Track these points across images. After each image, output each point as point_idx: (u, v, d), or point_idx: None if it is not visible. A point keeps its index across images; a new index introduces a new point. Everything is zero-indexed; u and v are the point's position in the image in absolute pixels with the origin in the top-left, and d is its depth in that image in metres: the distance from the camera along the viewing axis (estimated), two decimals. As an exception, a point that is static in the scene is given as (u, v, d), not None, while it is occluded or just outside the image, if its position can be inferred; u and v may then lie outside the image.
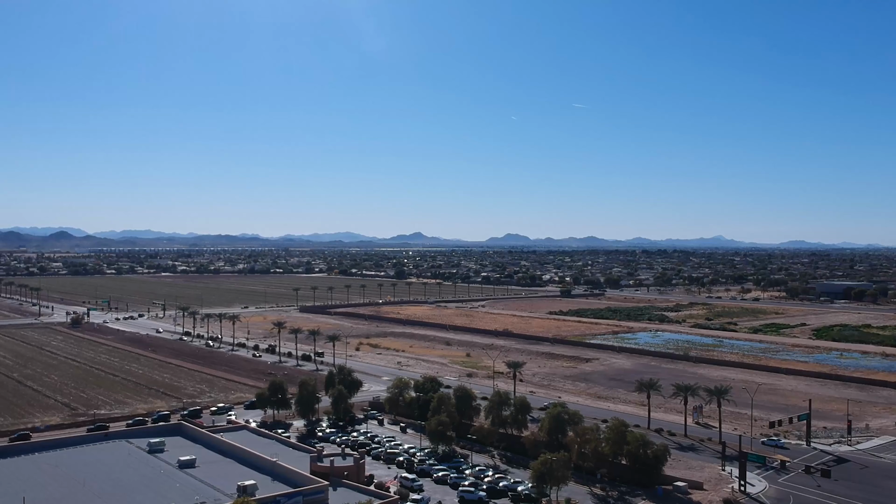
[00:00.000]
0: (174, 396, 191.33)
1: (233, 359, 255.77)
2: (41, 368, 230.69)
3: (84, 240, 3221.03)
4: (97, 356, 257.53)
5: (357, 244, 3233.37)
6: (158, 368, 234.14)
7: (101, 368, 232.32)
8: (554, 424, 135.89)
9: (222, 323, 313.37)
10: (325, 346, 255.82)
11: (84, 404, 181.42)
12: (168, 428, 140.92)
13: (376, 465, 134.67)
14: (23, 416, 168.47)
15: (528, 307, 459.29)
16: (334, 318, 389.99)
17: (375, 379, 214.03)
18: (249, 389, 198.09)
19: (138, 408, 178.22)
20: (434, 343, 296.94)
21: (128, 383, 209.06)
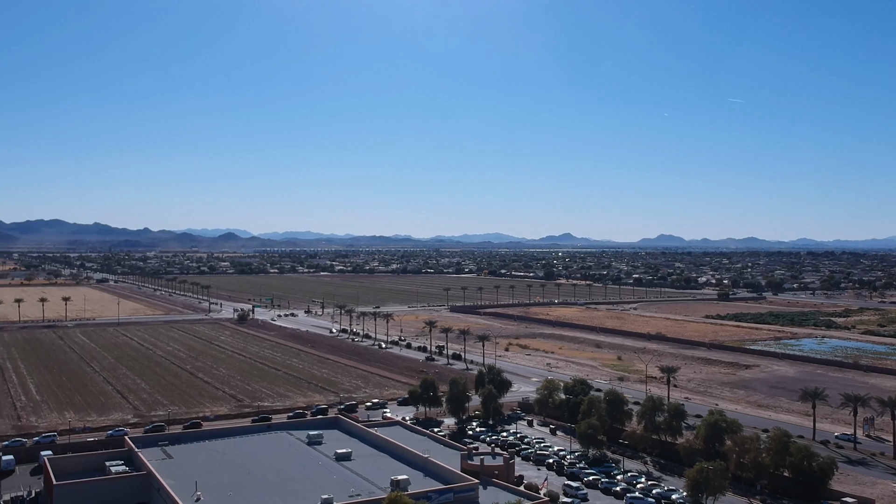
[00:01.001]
0: (332, 391, 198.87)
1: (386, 356, 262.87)
2: (211, 362, 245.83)
3: (250, 241, 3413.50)
4: (261, 351, 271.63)
5: (506, 245, 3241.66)
6: (317, 364, 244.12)
7: (264, 363, 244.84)
8: (711, 432, 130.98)
9: (376, 321, 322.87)
10: (474, 346, 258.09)
11: (249, 396, 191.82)
12: (326, 421, 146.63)
13: (526, 465, 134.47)
14: (195, 406, 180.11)
15: (683, 310, 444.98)
16: (484, 319, 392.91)
17: (524, 380, 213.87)
18: (402, 386, 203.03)
19: (298, 401, 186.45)
20: (584, 345, 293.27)
21: (289, 377, 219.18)
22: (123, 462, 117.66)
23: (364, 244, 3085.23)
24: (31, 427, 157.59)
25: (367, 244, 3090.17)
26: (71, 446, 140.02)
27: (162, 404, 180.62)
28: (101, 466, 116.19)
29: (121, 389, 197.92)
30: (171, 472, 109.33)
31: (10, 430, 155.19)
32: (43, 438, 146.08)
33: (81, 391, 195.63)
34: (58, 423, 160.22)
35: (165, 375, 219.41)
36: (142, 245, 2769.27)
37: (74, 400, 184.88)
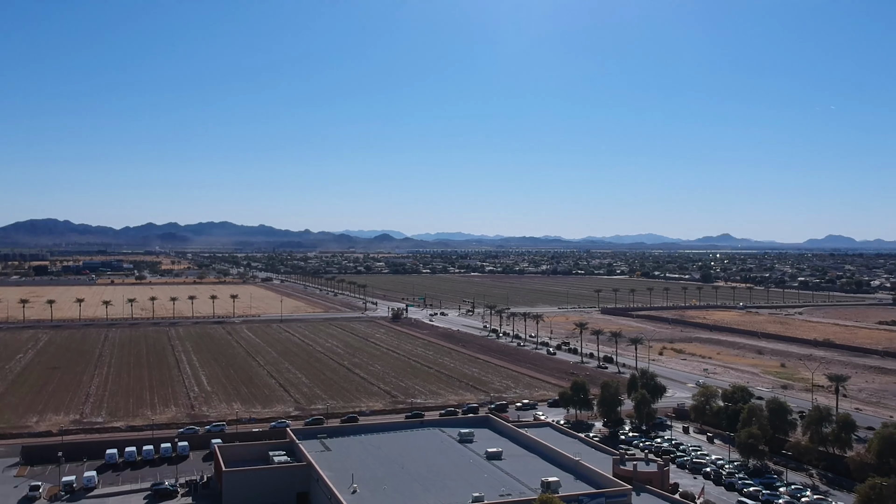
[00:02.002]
0: (482, 390, 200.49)
1: (536, 357, 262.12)
2: (367, 358, 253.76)
3: (403, 241, 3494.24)
4: (414, 349, 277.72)
5: (660, 246, 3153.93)
6: (468, 363, 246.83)
7: (417, 360, 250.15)
8: (884, 446, 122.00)
9: (526, 322, 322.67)
10: (626, 349, 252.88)
11: (403, 393, 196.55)
12: (477, 420, 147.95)
13: (681, 473, 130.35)
14: (351, 401, 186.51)
15: (853, 316, 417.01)
16: (636, 321, 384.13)
17: (679, 385, 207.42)
18: (552, 388, 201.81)
19: (450, 399, 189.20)
20: (744, 351, 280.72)
21: (441, 375, 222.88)
22: (285, 452, 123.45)
23: (514, 245, 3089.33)
24: (203, 416, 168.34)
25: (516, 245, 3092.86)
26: (238, 435, 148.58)
27: (321, 398, 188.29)
28: (265, 456, 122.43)
29: (283, 383, 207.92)
30: (330, 464, 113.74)
31: (184, 418, 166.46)
32: (213, 427, 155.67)
33: (248, 384, 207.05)
34: (226, 414, 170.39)
35: (324, 370, 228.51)
36: (303, 246, 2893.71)
37: (241, 392, 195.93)
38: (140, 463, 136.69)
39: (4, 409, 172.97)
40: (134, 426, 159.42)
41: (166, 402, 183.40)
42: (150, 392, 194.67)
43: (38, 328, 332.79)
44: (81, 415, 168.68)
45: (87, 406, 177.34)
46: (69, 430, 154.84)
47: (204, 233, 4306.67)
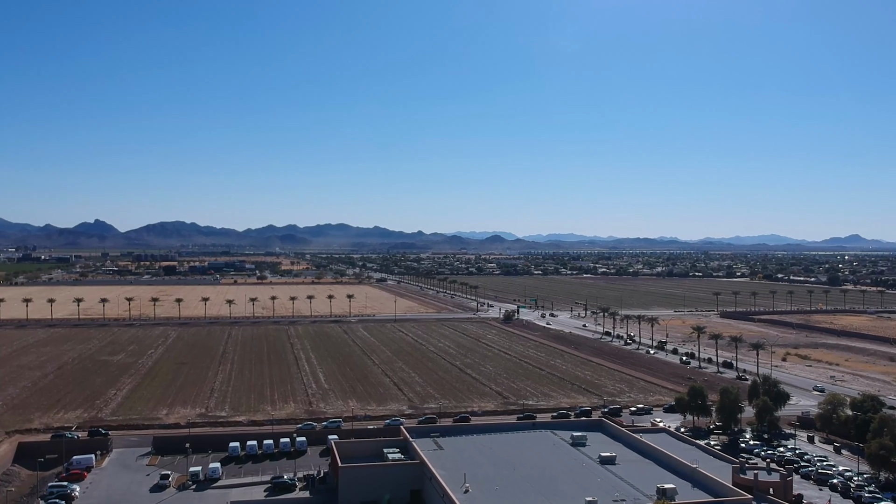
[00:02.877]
0: (595, 393, 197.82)
1: (651, 361, 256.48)
2: (478, 359, 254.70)
3: (514, 243, 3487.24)
4: (525, 350, 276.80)
5: (783, 247, 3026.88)
6: (580, 365, 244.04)
7: (529, 362, 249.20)
8: None
9: (640, 325, 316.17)
10: (747, 354, 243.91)
11: (514, 394, 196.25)
12: (589, 423, 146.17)
13: (805, 484, 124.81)
14: (463, 401, 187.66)
15: None
16: (757, 326, 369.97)
17: (804, 393, 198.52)
18: (668, 393, 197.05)
19: (562, 401, 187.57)
20: (874, 358, 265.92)
21: (552, 378, 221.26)
22: (399, 450, 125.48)
23: (627, 246, 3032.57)
24: (320, 413, 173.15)
25: (630, 246, 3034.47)
26: (354, 432, 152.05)
27: (434, 397, 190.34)
28: (380, 452, 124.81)
29: (397, 382, 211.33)
30: (442, 463, 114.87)
31: (302, 414, 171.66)
32: (330, 423, 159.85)
33: (363, 382, 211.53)
34: (342, 410, 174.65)
35: (437, 370, 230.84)
36: (416, 247, 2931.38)
37: (357, 389, 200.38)
38: (261, 456, 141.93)
39: (138, 401, 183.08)
40: (255, 421, 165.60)
41: (285, 398, 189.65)
42: (270, 388, 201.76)
43: (167, 325, 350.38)
44: (207, 409, 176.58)
45: (212, 400, 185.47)
46: (195, 422, 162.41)
47: (321, 234, 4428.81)
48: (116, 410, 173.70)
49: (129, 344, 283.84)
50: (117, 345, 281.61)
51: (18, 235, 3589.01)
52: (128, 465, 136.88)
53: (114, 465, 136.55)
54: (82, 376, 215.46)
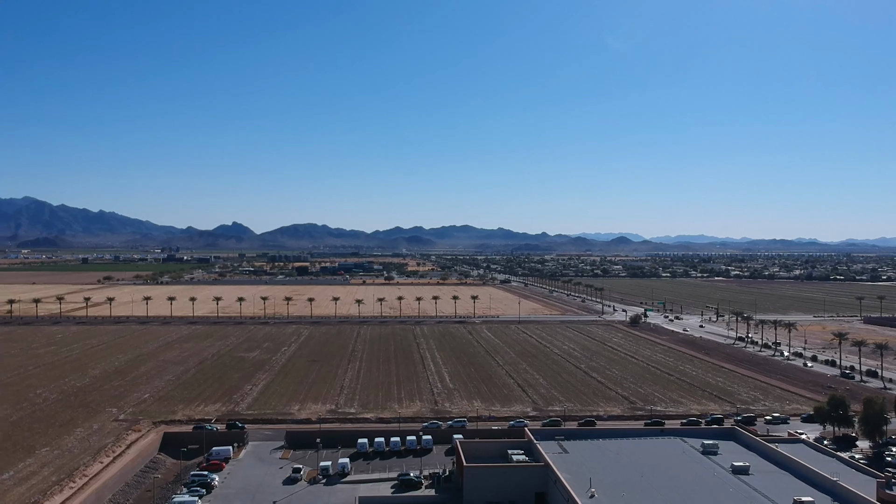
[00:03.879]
0: (727, 401, 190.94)
1: (788, 368, 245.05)
2: (604, 362, 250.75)
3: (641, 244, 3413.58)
4: (653, 355, 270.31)
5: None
6: (711, 371, 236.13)
7: (656, 367, 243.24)
8: None
9: (777, 330, 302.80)
10: (893, 363, 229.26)
11: (641, 399, 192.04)
12: (721, 431, 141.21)
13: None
14: (588, 404, 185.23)
15: None
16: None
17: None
18: (806, 402, 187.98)
19: (692, 408, 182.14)
20: None
21: (682, 383, 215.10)
22: (523, 452, 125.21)
23: (762, 248, 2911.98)
24: (445, 412, 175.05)
25: (765, 248, 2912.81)
26: (478, 432, 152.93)
27: (558, 400, 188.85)
28: (504, 454, 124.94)
29: (521, 383, 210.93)
30: (567, 466, 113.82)
31: (428, 413, 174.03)
32: (455, 423, 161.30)
33: (487, 382, 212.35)
34: (467, 410, 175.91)
35: (561, 373, 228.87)
36: (540, 248, 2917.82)
37: (481, 390, 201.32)
38: (388, 453, 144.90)
39: (272, 397, 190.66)
40: (382, 418, 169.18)
41: (412, 396, 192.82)
42: (397, 386, 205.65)
43: (300, 324, 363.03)
44: (336, 405, 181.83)
45: (342, 397, 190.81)
46: (326, 418, 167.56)
47: (446, 236, 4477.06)
48: (252, 405, 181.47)
49: (263, 341, 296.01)
50: (253, 342, 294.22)
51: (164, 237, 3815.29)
52: (262, 457, 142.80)
53: (249, 457, 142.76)
54: (221, 372, 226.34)
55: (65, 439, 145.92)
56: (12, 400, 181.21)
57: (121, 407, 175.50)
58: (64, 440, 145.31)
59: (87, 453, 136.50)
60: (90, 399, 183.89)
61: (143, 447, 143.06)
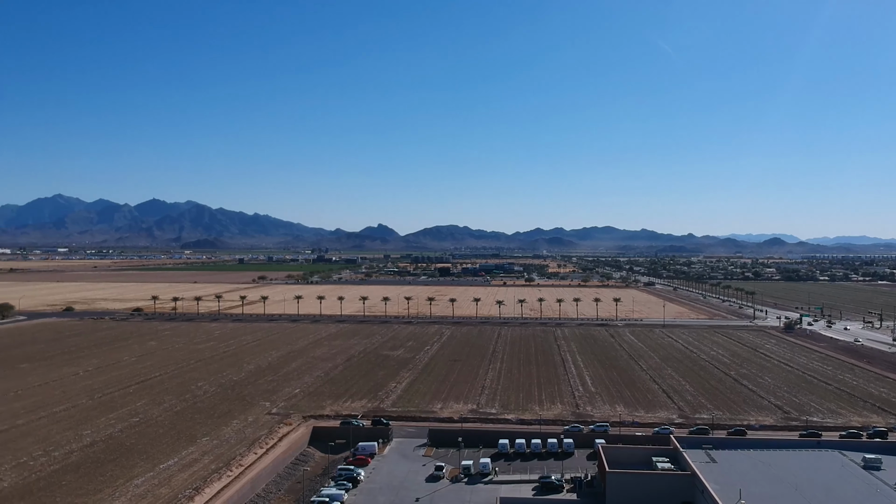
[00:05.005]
0: (891, 413, 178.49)
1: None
2: (755, 369, 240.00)
3: (797, 246, 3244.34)
4: (809, 363, 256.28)
5: None
6: (874, 381, 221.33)
7: (813, 375, 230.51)
8: None
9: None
10: None
11: (796, 409, 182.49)
12: (885, 445, 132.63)
13: None
14: (738, 413, 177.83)
15: None
16: None
17: None
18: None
19: (851, 420, 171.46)
20: None
21: (841, 393, 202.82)
22: (668, 460, 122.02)
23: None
24: (587, 416, 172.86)
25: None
26: (621, 438, 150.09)
27: (705, 407, 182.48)
28: (648, 461, 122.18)
29: (666, 389, 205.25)
30: (715, 477, 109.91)
31: (569, 416, 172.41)
32: (597, 427, 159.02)
33: (630, 387, 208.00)
34: (609, 415, 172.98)
35: (709, 379, 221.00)
36: (686, 250, 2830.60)
37: (624, 394, 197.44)
38: (528, 455, 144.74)
39: (415, 395, 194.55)
40: (523, 420, 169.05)
41: (553, 399, 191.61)
42: (537, 388, 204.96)
43: (442, 324, 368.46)
44: (478, 405, 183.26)
45: (483, 397, 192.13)
46: (467, 418, 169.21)
47: (588, 237, 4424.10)
48: (396, 402, 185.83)
49: (407, 340, 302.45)
50: (397, 340, 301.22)
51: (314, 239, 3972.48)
52: (406, 454, 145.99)
53: (394, 454, 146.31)
54: (367, 369, 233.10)
55: (223, 430, 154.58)
56: (177, 391, 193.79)
57: (273, 401, 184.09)
58: (222, 431, 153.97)
59: (243, 444, 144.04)
60: (245, 392, 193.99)
61: (294, 440, 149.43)
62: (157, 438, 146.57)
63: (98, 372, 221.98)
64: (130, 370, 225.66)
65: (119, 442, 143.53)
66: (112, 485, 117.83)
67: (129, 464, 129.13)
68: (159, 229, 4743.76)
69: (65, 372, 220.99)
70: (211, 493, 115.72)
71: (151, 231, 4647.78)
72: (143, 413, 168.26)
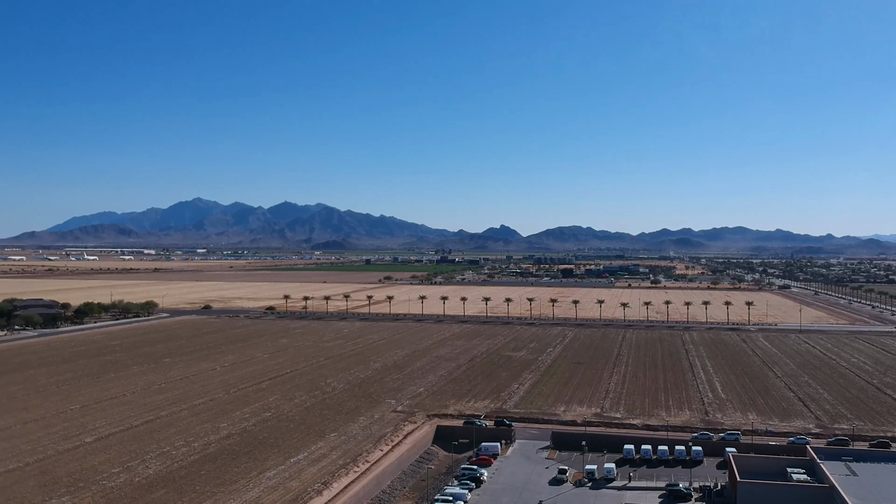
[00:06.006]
0: None
1: None
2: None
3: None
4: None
5: None
6: None
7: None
8: None
9: None
10: None
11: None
12: None
13: None
14: (882, 424, 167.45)
15: None
16: None
17: None
18: None
19: None
20: None
21: None
22: (804, 471, 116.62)
23: None
24: (716, 423, 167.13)
25: None
26: (753, 447, 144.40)
27: (845, 417, 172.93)
28: (783, 471, 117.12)
29: (802, 397, 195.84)
30: (856, 491, 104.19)
31: (698, 423, 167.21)
32: (728, 435, 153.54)
33: (763, 394, 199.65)
34: (741, 423, 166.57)
35: (849, 388, 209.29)
36: (824, 252, 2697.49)
37: (756, 402, 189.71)
38: (655, 462, 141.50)
39: (537, 397, 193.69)
40: (649, 425, 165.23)
41: (680, 404, 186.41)
42: (664, 393, 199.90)
43: (564, 325, 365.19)
44: (601, 409, 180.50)
45: (607, 401, 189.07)
46: (591, 421, 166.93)
47: (717, 238, 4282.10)
48: (519, 403, 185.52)
49: (529, 341, 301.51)
50: (519, 342, 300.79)
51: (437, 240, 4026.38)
52: (528, 456, 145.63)
53: (516, 455, 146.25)
54: (489, 369, 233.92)
55: (350, 426, 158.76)
56: (307, 388, 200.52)
57: (398, 399, 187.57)
58: (349, 427, 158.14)
59: (369, 441, 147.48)
60: (372, 390, 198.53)
61: (418, 438, 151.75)
62: (288, 433, 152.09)
63: (233, 367, 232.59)
64: (263, 366, 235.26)
65: (253, 435, 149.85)
66: (246, 476, 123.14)
67: (262, 457, 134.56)
68: (291, 231, 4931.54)
69: (203, 367, 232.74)
70: (339, 487, 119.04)
71: (283, 232, 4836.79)
72: (276, 408, 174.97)
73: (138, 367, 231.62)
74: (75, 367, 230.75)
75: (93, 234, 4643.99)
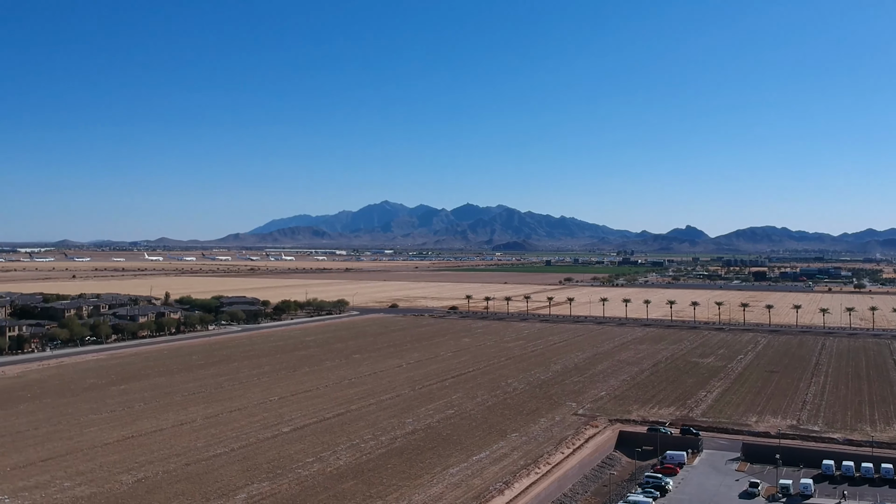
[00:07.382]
0: None
1: None
2: None
3: None
4: None
5: None
6: None
7: None
8: None
9: None
10: None
11: None
12: None
13: None
14: None
15: None
16: None
17: None
18: None
19: None
20: None
21: None
22: None
23: None
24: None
25: None
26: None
27: None
28: None
29: None
30: None
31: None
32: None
33: None
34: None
35: None
36: None
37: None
38: (858, 480, 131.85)
39: (727, 405, 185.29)
40: (851, 440, 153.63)
41: (888, 419, 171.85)
42: (868, 407, 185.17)
43: (756, 331, 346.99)
44: (798, 421, 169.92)
45: (804, 413, 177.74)
46: (786, 434, 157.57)
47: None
48: (706, 412, 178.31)
49: (718, 347, 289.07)
50: (707, 347, 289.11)
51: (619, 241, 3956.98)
52: (717, 466, 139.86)
53: (703, 465, 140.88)
54: (674, 375, 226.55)
55: (531, 427, 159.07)
56: (488, 387, 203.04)
57: (579, 402, 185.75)
58: (530, 428, 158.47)
59: (550, 443, 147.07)
60: (552, 392, 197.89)
61: (600, 443, 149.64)
62: (471, 431, 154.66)
63: (418, 365, 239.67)
64: (446, 364, 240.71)
65: (437, 431, 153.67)
66: (430, 471, 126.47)
67: (446, 453, 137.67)
68: (472, 232, 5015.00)
69: (390, 363, 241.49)
70: (520, 487, 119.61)
71: (465, 234, 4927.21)
72: (458, 406, 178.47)
73: (330, 362, 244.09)
74: (273, 360, 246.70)
75: (290, 235, 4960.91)
